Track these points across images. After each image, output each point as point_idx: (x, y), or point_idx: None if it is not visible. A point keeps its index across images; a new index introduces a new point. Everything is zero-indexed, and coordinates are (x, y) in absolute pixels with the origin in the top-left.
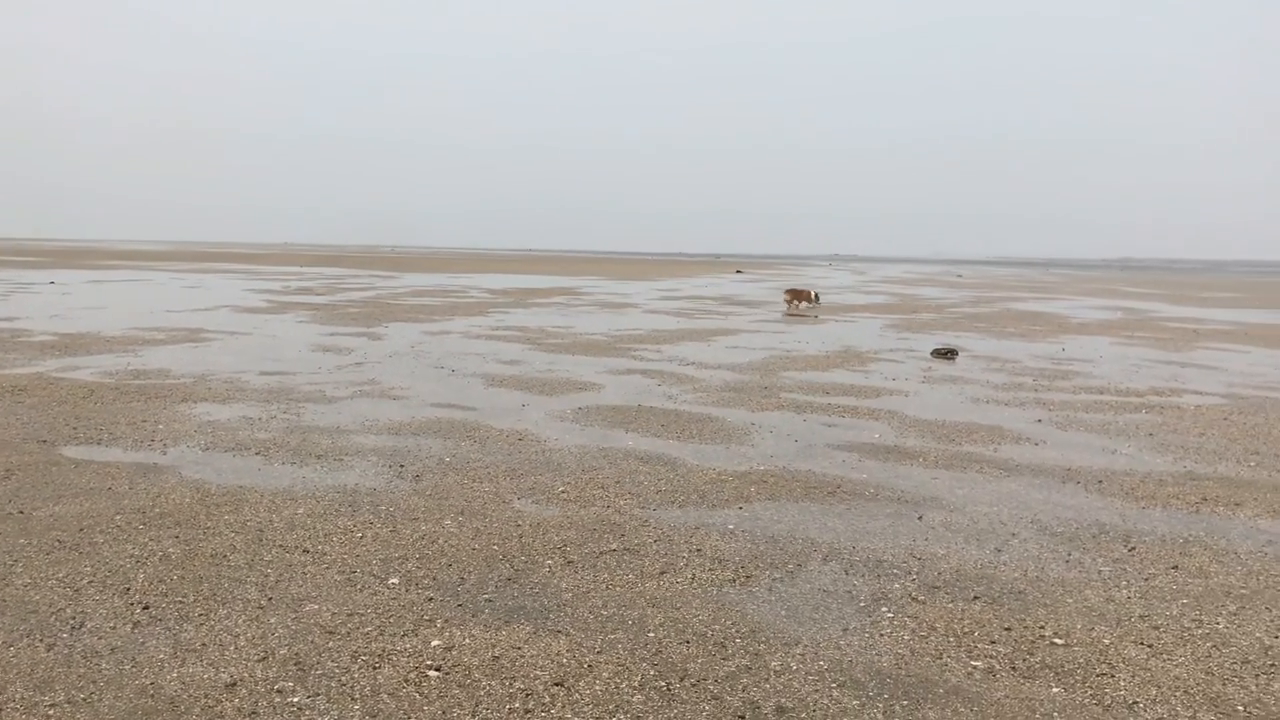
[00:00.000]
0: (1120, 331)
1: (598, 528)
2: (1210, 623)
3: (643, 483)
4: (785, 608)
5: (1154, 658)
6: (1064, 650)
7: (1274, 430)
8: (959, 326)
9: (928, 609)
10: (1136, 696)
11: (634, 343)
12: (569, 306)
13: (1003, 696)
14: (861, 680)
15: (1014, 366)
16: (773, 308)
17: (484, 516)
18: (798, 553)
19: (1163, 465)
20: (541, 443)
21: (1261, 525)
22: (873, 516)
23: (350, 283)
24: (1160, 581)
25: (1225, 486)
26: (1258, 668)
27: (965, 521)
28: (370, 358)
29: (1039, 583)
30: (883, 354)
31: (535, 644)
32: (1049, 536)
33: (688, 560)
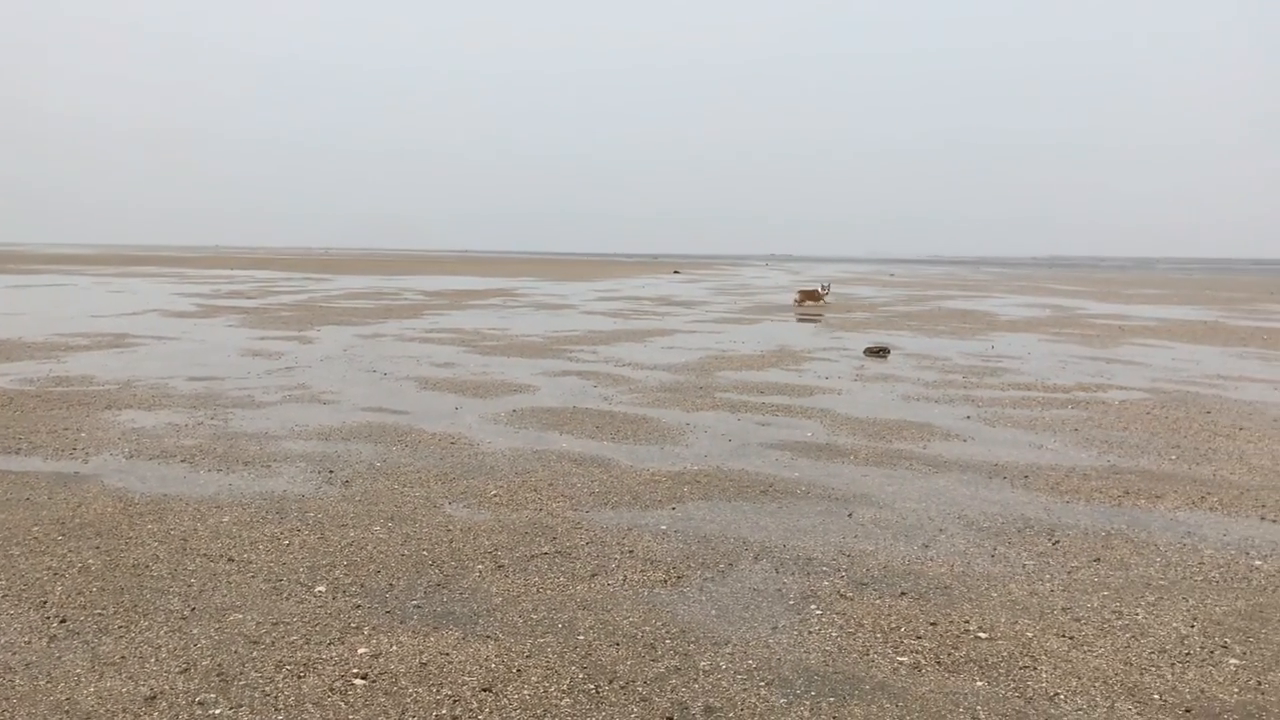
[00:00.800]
0: (1048, 328)
1: (529, 531)
2: (1130, 614)
3: (576, 485)
4: (716, 607)
5: (1075, 649)
6: (988, 644)
7: (1195, 423)
8: (892, 325)
9: (856, 606)
10: (1058, 688)
11: (570, 344)
12: (505, 308)
13: (927, 691)
14: (789, 678)
15: (944, 364)
16: (709, 308)
17: (414, 522)
18: (729, 552)
19: (1087, 459)
20: (474, 446)
21: (1180, 517)
22: (804, 514)
23: (282, 285)
24: (1083, 574)
25: (1147, 479)
26: (1173, 657)
27: (894, 518)
28: (301, 362)
29: (965, 577)
30: (816, 353)
31: (464, 649)
32: (975, 531)
33: (619, 562)
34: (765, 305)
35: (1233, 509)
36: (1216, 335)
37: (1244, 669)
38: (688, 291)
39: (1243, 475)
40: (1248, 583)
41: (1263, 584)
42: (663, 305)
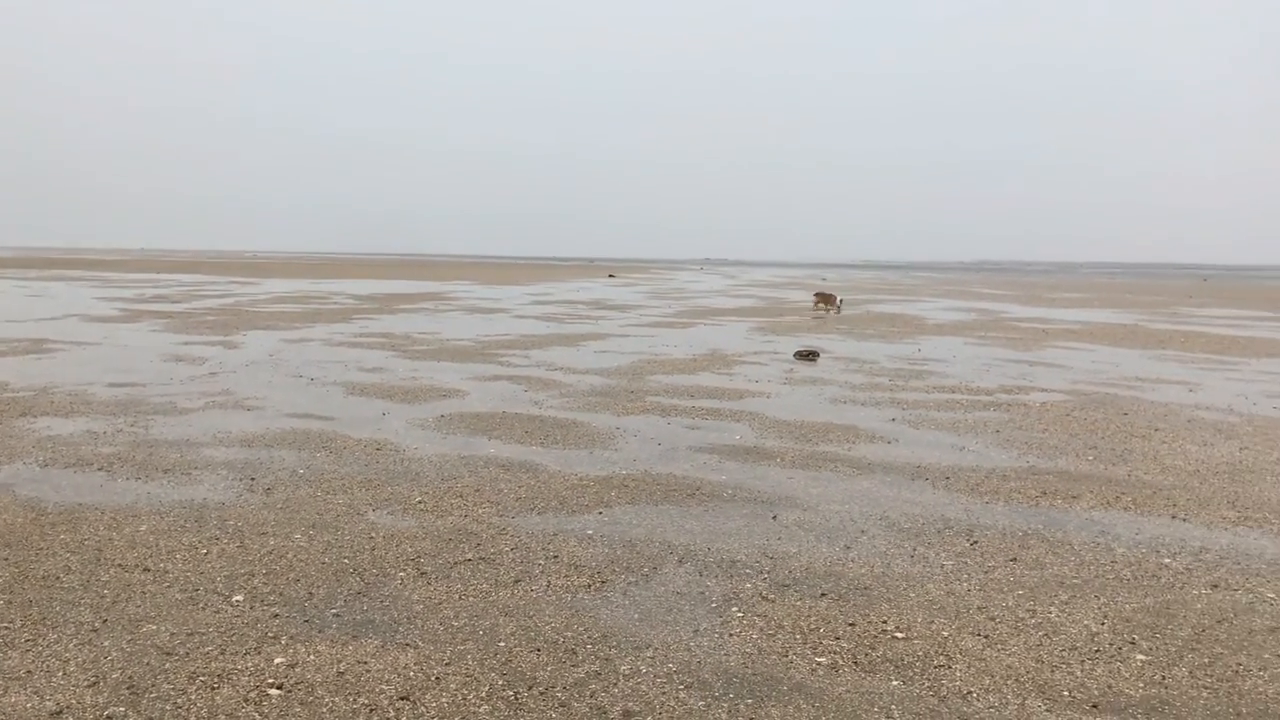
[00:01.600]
0: (974, 332)
1: (454, 537)
2: (1043, 612)
3: (503, 490)
4: (639, 611)
5: (989, 648)
6: (904, 644)
7: (1112, 425)
8: (822, 329)
9: (777, 607)
10: (971, 686)
11: (502, 348)
12: (437, 312)
13: (844, 691)
14: (709, 681)
15: (872, 367)
16: (643, 312)
17: (336, 529)
18: (654, 556)
19: (1007, 461)
20: (400, 452)
21: (1095, 516)
22: (729, 517)
23: (208, 289)
24: (999, 574)
25: (1064, 480)
26: (1083, 654)
27: (818, 520)
28: (225, 367)
29: (884, 578)
30: (747, 356)
31: (383, 658)
32: (896, 533)
33: (544, 567)
34: (699, 309)
35: (1145, 508)
36: (1136, 338)
37: (1150, 664)
38: (622, 295)
39: (1156, 475)
40: (1157, 580)
41: (1171, 581)
42: (597, 309)
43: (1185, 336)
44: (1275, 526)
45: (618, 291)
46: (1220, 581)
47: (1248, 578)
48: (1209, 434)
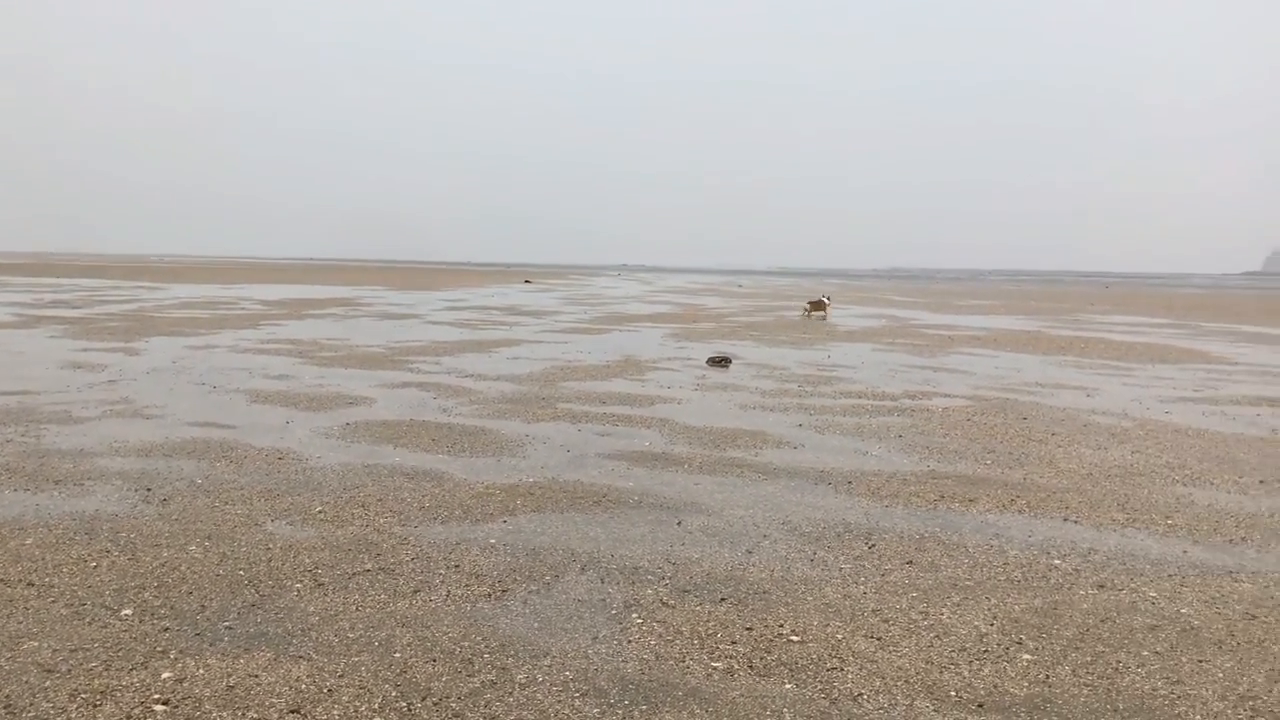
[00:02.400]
0: (883, 338)
1: (353, 548)
2: (935, 614)
3: (406, 499)
4: (538, 620)
5: (881, 650)
6: (799, 647)
7: (1010, 429)
8: (736, 335)
9: (676, 613)
10: (862, 688)
11: (412, 355)
12: (347, 318)
13: (738, 695)
14: (604, 688)
15: (782, 373)
16: (558, 318)
17: (232, 540)
18: (556, 564)
19: (908, 465)
20: (303, 461)
21: (990, 519)
22: (634, 524)
23: (112, 294)
24: (895, 576)
25: (962, 484)
26: (972, 654)
27: (722, 525)
28: (126, 374)
29: (784, 582)
30: (661, 363)
31: (274, 671)
32: (798, 537)
33: (444, 577)
34: (615, 315)
35: (1039, 511)
36: (1038, 344)
37: (1035, 664)
38: (538, 301)
39: (1051, 478)
40: (1046, 581)
41: (1059, 582)
42: (511, 315)
43: (1085, 343)
44: (1161, 528)
45: (533, 297)
46: (1106, 582)
47: (1132, 578)
48: (1103, 438)
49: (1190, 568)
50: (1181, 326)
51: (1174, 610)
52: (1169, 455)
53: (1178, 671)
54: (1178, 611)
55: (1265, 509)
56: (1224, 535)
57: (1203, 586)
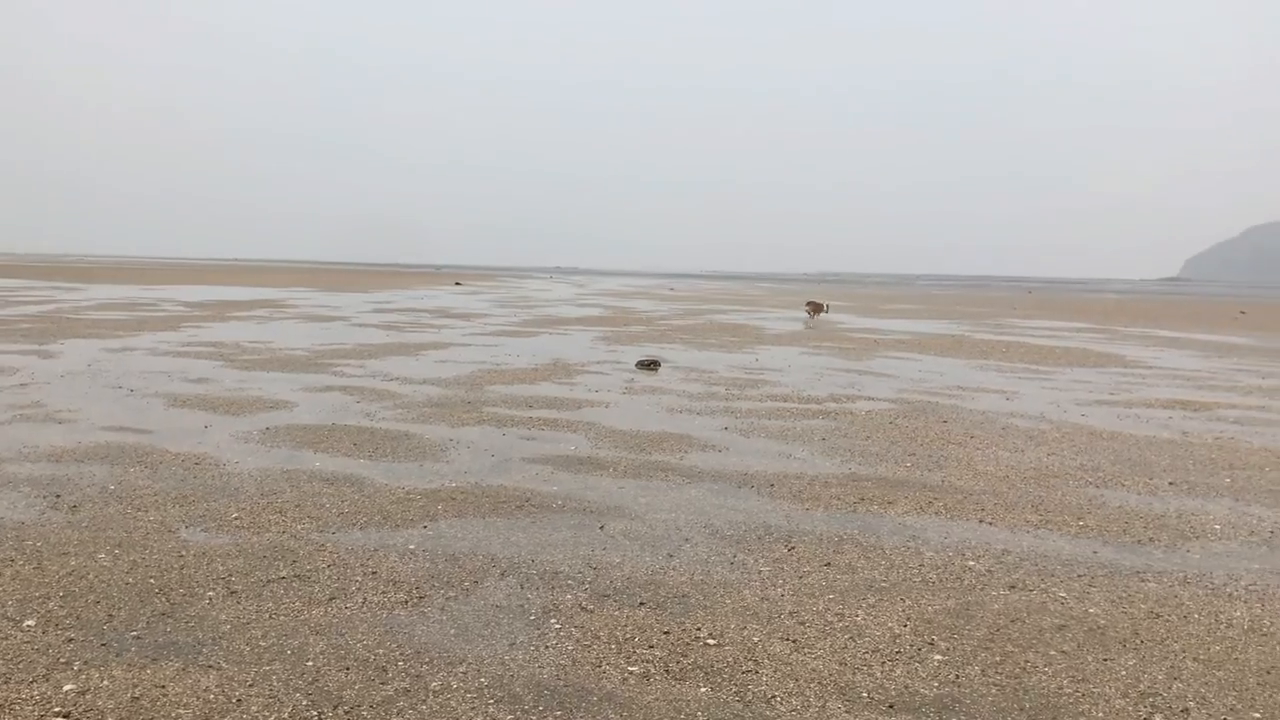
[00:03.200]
0: (810, 342)
1: (269, 555)
2: (850, 616)
3: (325, 505)
4: (455, 626)
5: (796, 652)
6: (716, 650)
7: (931, 432)
8: (665, 338)
9: (595, 618)
10: (775, 690)
11: (337, 358)
12: (271, 320)
13: (653, 700)
14: (519, 694)
15: (710, 376)
16: (488, 320)
17: (144, 548)
18: (476, 569)
19: (830, 468)
20: (220, 466)
21: (908, 521)
22: (556, 529)
23: (26, 295)
24: (813, 579)
25: (882, 486)
26: (885, 655)
27: (644, 529)
28: (38, 378)
29: (703, 585)
30: (590, 366)
31: (182, 681)
32: (719, 540)
33: (360, 584)
34: (545, 318)
35: (955, 513)
36: (961, 348)
37: (945, 664)
38: (467, 304)
39: (968, 480)
40: (960, 582)
41: (973, 583)
42: (440, 318)
43: (1007, 347)
44: (1073, 529)
45: (463, 300)
46: (1018, 582)
47: (1043, 578)
48: (1021, 440)
49: (1099, 568)
50: (1100, 331)
51: (1082, 610)
52: (1083, 458)
53: (1083, 670)
54: (1085, 611)
55: (1173, 510)
56: (1133, 536)
57: (1110, 586)
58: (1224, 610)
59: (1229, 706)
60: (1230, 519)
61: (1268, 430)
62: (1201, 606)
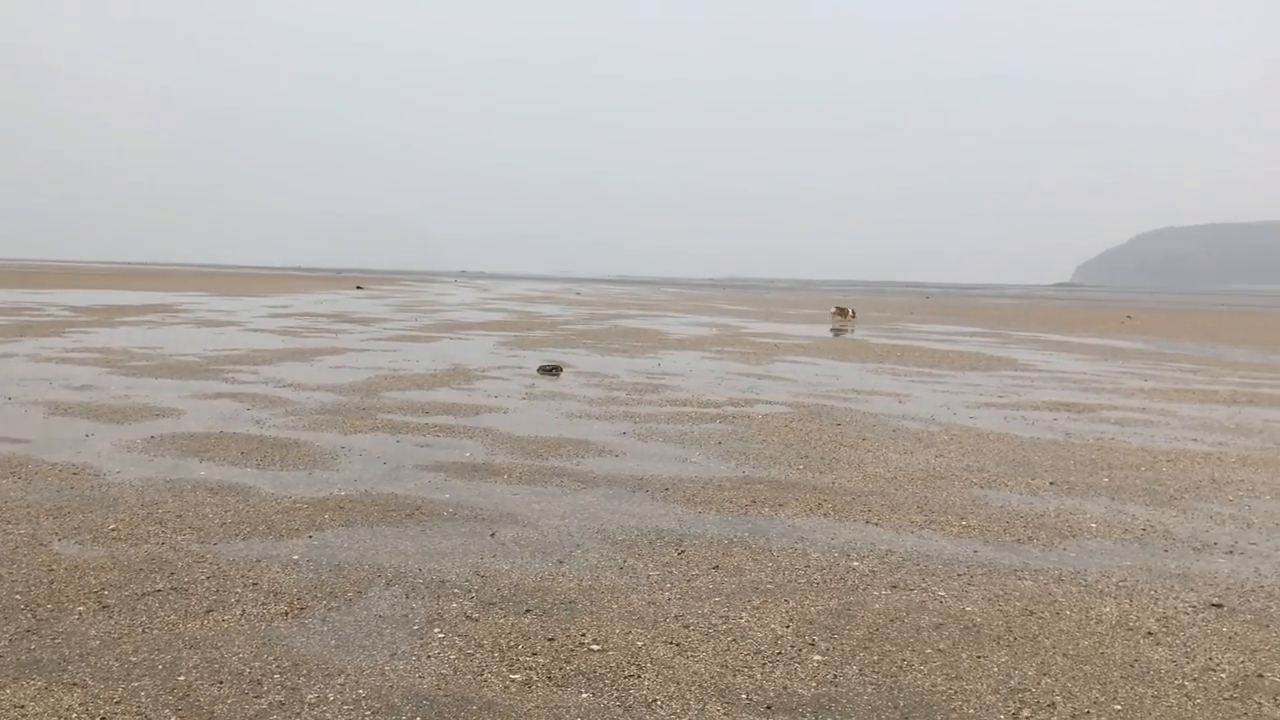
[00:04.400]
0: (712, 346)
1: (145, 567)
2: (735, 618)
3: (208, 515)
4: (336, 638)
5: (679, 655)
6: (599, 656)
7: (824, 435)
8: (569, 343)
9: (479, 626)
10: (656, 695)
11: (229, 364)
12: (162, 325)
13: (532, 707)
14: (398, 705)
15: (611, 381)
16: (387, 325)
17: (12, 562)
18: (361, 579)
19: (725, 471)
20: (100, 477)
21: (797, 523)
22: (446, 536)
23: None
24: (700, 582)
25: (774, 489)
26: (766, 657)
27: (536, 536)
28: None
29: (591, 591)
30: (490, 371)
31: (44, 700)
32: (610, 545)
33: (240, 595)
34: (447, 323)
35: (843, 514)
36: (858, 352)
37: (824, 664)
38: (368, 308)
39: (858, 482)
40: (843, 582)
41: (856, 583)
42: (338, 322)
43: (902, 351)
44: (956, 529)
45: (363, 304)
46: (900, 582)
47: (924, 577)
48: (910, 443)
49: (979, 567)
50: (993, 335)
51: (960, 608)
52: (970, 459)
53: (957, 667)
54: (963, 609)
55: (1053, 509)
56: (1013, 535)
57: (989, 585)
58: (1094, 606)
59: (1093, 700)
60: (1106, 517)
61: (1146, 431)
62: (1073, 603)
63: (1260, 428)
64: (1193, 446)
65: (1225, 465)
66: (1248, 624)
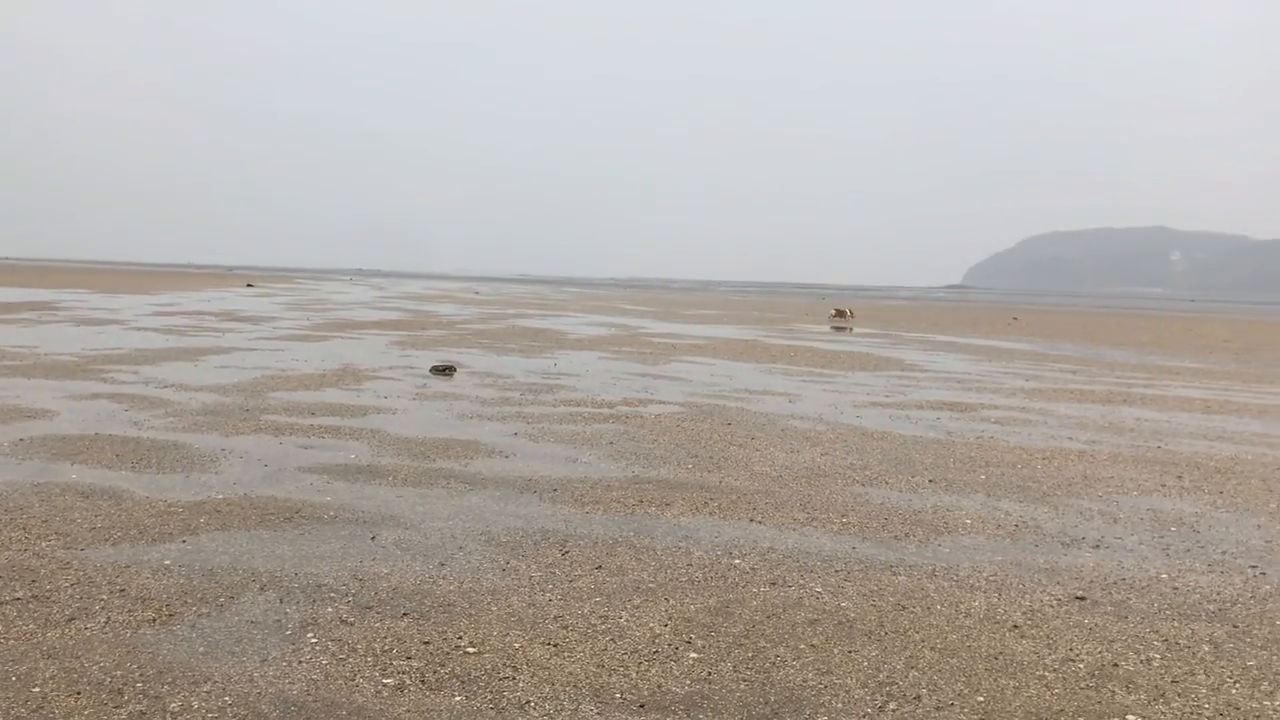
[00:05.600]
0: (610, 346)
1: (4, 575)
2: (615, 618)
3: (76, 520)
4: (205, 644)
5: (555, 656)
6: (475, 658)
7: (715, 434)
8: (465, 343)
9: (354, 631)
10: (530, 696)
11: (109, 363)
12: (41, 323)
13: (404, 712)
14: (264, 711)
15: (506, 381)
16: (277, 324)
17: None
18: (234, 584)
19: (614, 471)
20: None
21: (683, 522)
22: (325, 540)
23: None
24: (583, 582)
25: (661, 488)
26: (643, 656)
27: (418, 538)
28: None
29: (471, 593)
30: (381, 371)
31: None
32: (494, 547)
33: (105, 603)
34: (340, 322)
35: (728, 513)
36: (753, 352)
37: (700, 662)
38: (258, 306)
39: (745, 481)
40: (724, 580)
41: (736, 581)
42: (226, 321)
43: (795, 351)
44: (836, 526)
45: (254, 302)
46: (779, 579)
47: (803, 574)
48: (797, 441)
49: (856, 563)
50: (884, 335)
51: (835, 604)
52: (854, 457)
53: (828, 662)
54: (838, 605)
55: (930, 506)
56: (890, 532)
57: (864, 580)
58: (964, 601)
59: (957, 692)
60: (981, 514)
61: (1024, 429)
62: (945, 598)
63: (1132, 426)
64: (1067, 445)
65: (1097, 463)
66: (1108, 615)
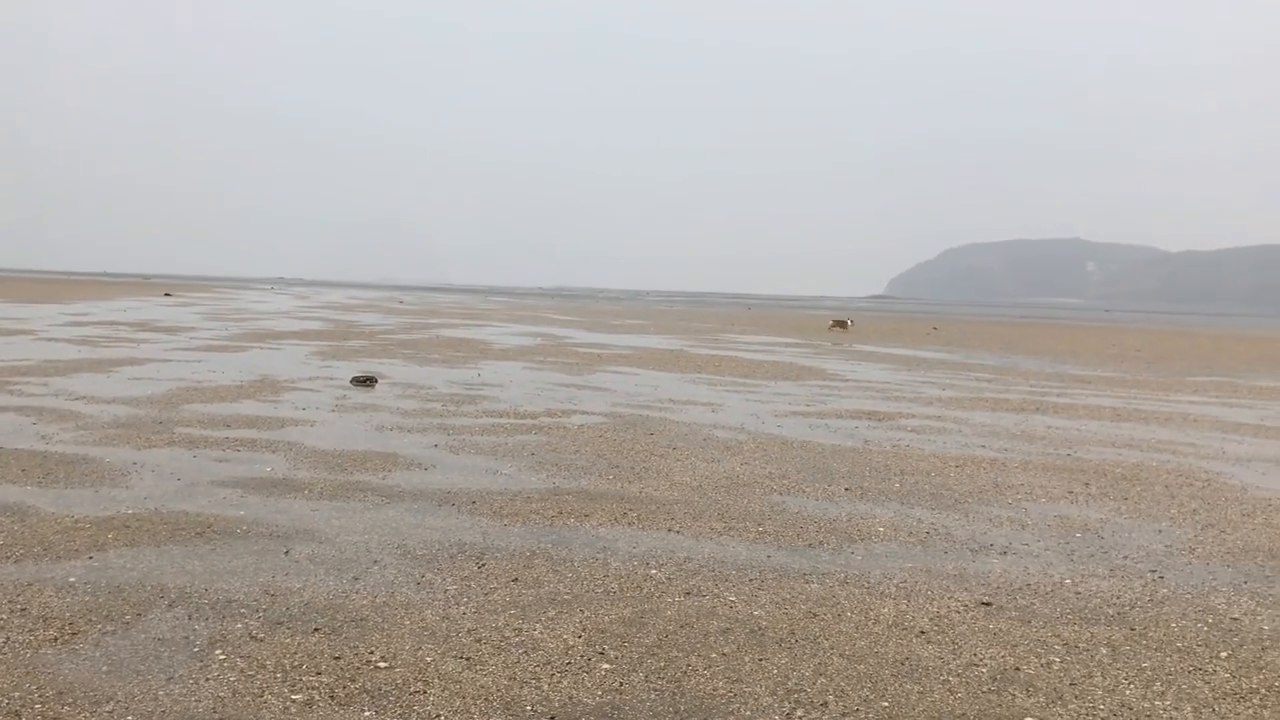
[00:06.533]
0: (535, 357)
1: None
2: (529, 630)
3: None
4: (109, 663)
5: (468, 670)
6: (386, 673)
7: (637, 444)
8: (387, 353)
9: (263, 646)
10: (441, 710)
11: (16, 375)
12: None
13: None
14: None
15: (428, 393)
16: (195, 334)
17: None
18: (141, 601)
19: (535, 483)
20: None
21: (601, 533)
22: (237, 555)
23: None
24: (498, 595)
25: (581, 500)
26: (555, 668)
27: (333, 552)
28: None
29: (385, 608)
30: (300, 383)
31: None
32: (410, 560)
33: (5, 622)
34: (259, 332)
35: (647, 523)
36: (678, 362)
37: (612, 672)
38: (175, 316)
39: (665, 491)
40: (640, 590)
41: (652, 591)
42: (142, 331)
43: (720, 361)
44: (753, 534)
45: (171, 312)
46: (694, 589)
47: (718, 583)
48: (718, 451)
49: (770, 571)
50: (808, 346)
51: (748, 612)
52: (773, 466)
53: (739, 671)
54: (751, 613)
55: (845, 514)
56: (805, 540)
57: (778, 589)
58: (874, 607)
59: (863, 698)
60: (894, 521)
61: (939, 438)
62: (855, 605)
63: (1043, 434)
64: (980, 453)
65: (1008, 470)
66: (1012, 621)
